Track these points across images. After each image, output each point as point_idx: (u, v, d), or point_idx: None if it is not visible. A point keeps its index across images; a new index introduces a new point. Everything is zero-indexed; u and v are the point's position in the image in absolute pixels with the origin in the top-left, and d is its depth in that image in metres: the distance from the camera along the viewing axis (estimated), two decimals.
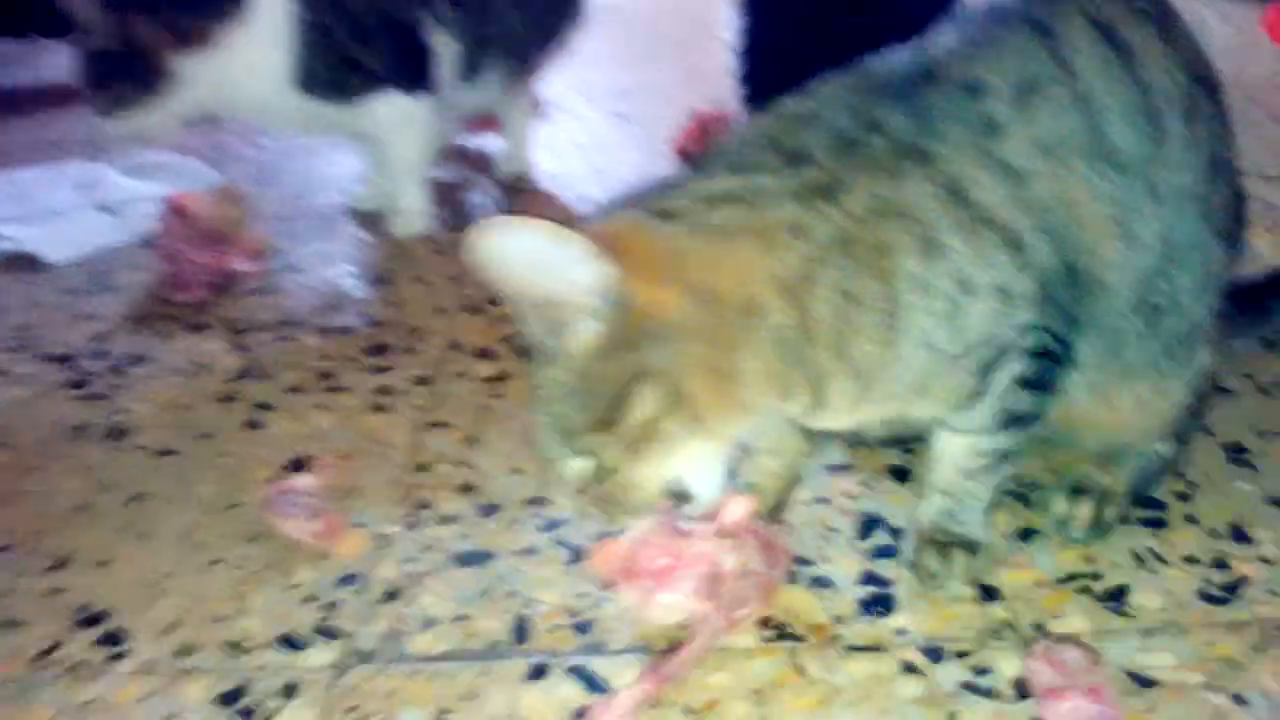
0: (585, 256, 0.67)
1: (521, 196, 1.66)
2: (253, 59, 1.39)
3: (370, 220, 1.59)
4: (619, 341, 0.69)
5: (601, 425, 0.71)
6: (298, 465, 1.05)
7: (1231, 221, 0.82)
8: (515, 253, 0.67)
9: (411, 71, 1.43)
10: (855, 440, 1.00)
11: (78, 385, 1.23)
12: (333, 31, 1.39)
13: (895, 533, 0.91)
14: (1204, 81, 0.79)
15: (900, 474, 0.99)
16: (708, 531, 0.79)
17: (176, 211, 1.44)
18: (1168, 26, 0.78)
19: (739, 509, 0.80)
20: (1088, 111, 0.73)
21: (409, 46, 1.42)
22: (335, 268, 1.47)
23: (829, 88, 0.76)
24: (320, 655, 0.83)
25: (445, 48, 1.45)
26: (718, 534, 0.79)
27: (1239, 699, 0.75)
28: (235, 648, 0.84)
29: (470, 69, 1.49)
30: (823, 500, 0.95)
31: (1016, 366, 0.74)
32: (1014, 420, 0.77)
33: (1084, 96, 0.73)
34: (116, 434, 1.13)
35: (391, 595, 0.88)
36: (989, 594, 0.85)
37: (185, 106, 1.40)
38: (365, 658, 0.82)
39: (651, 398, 0.69)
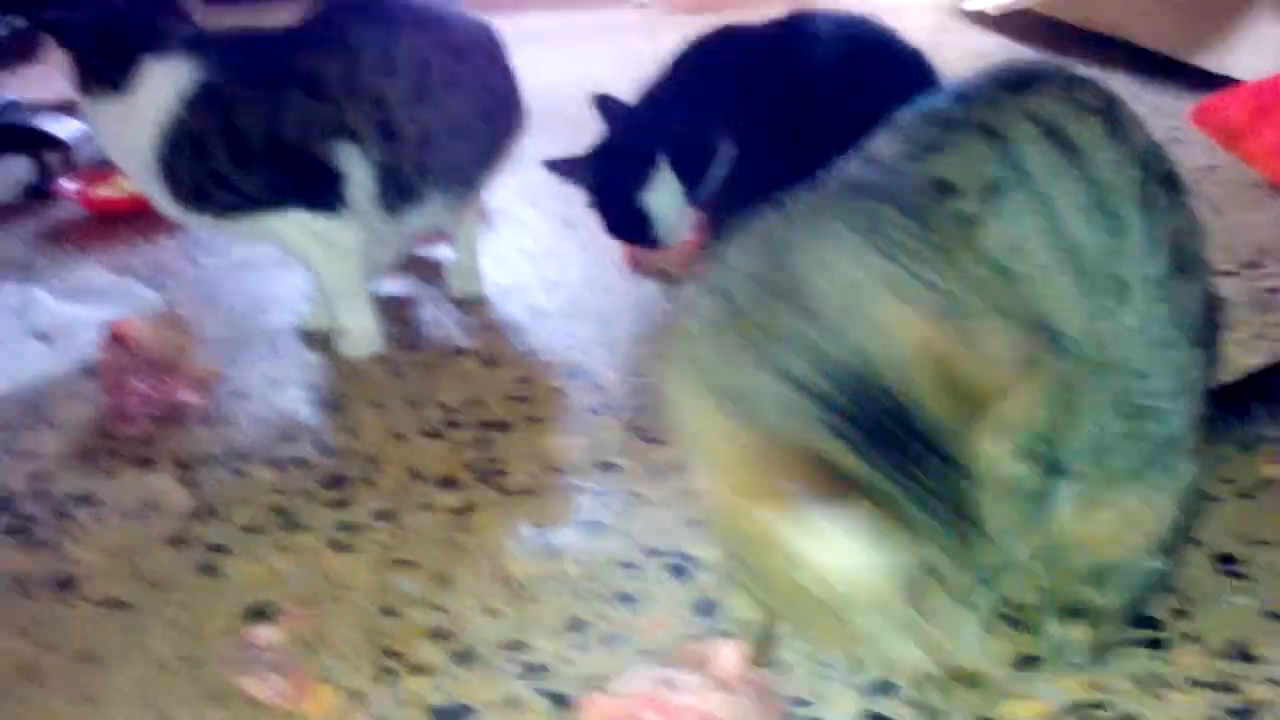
0: None
1: None
2: (129, 140, 1.38)
3: (319, 340, 1.55)
4: None
5: None
6: (258, 614, 1.00)
7: (1205, 322, 0.81)
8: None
9: (315, 193, 1.40)
10: None
11: (18, 532, 1.17)
12: (208, 149, 1.36)
13: None
14: (1162, 176, 0.79)
15: None
16: (699, 683, 0.76)
17: (117, 339, 1.40)
18: (1117, 122, 0.78)
19: (731, 657, 0.77)
20: (1047, 212, 0.73)
21: (311, 169, 1.39)
22: (285, 393, 1.43)
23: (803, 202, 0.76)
24: None
25: (362, 171, 1.41)
26: (711, 686, 0.75)
27: None
28: None
29: (411, 194, 1.45)
30: None
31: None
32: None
33: (1041, 196, 0.73)
34: (62, 585, 1.07)
35: None
36: None
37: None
38: None
39: None
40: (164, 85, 1.34)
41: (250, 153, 1.36)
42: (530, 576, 1.03)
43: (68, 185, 2.26)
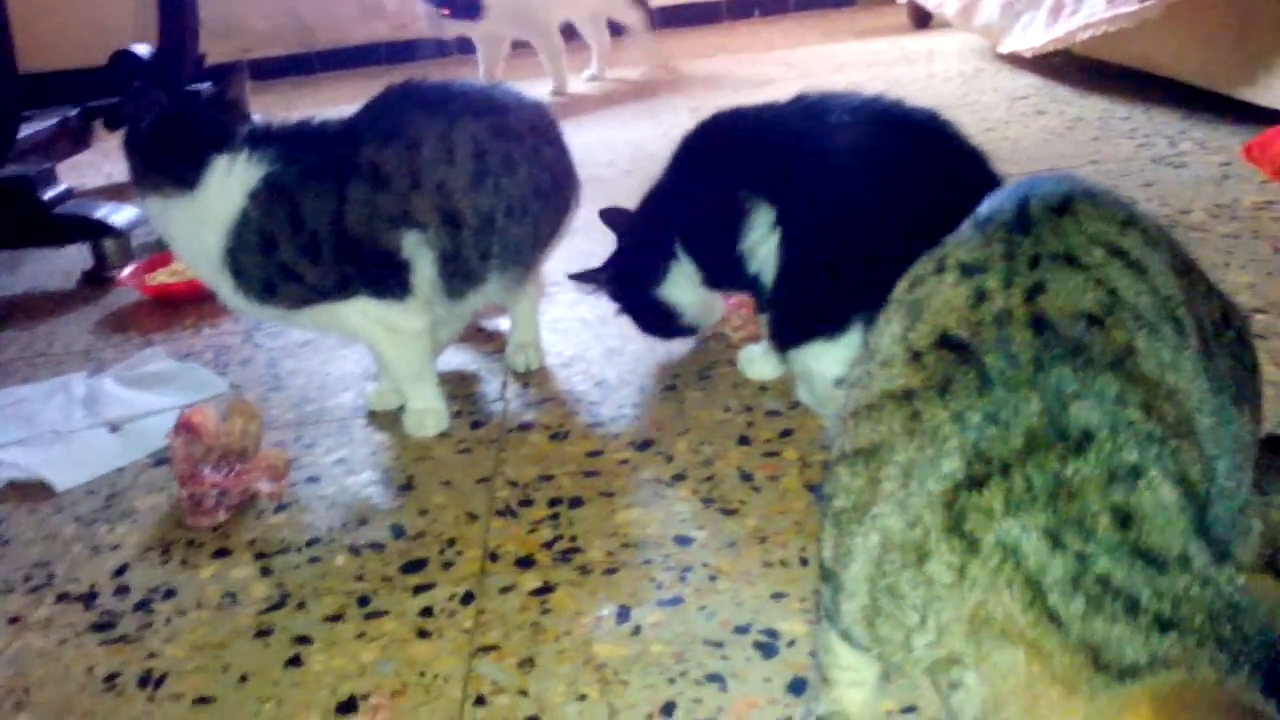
0: None
1: None
2: (197, 236, 1.40)
3: (386, 420, 1.57)
4: None
5: None
6: (347, 707, 1.00)
7: (1241, 380, 0.81)
8: None
9: (382, 282, 1.42)
10: None
11: (104, 628, 1.18)
12: (276, 243, 1.38)
13: None
14: (1182, 264, 0.79)
15: None
16: None
17: (188, 430, 1.41)
18: (1145, 228, 0.78)
19: None
20: (1152, 332, 0.72)
21: (377, 259, 1.40)
22: (357, 476, 1.43)
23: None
24: None
25: (426, 258, 1.42)
26: None
27: None
28: None
29: (473, 276, 1.47)
30: (909, 710, 0.91)
31: None
32: None
33: (1140, 319, 0.72)
34: (150, 683, 1.08)
35: None
36: None
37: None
38: None
39: None
40: (232, 182, 1.36)
41: (318, 245, 1.37)
42: (616, 659, 1.03)
43: (126, 272, 2.30)
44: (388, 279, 1.41)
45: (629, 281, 1.61)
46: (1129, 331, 0.68)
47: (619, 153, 2.72)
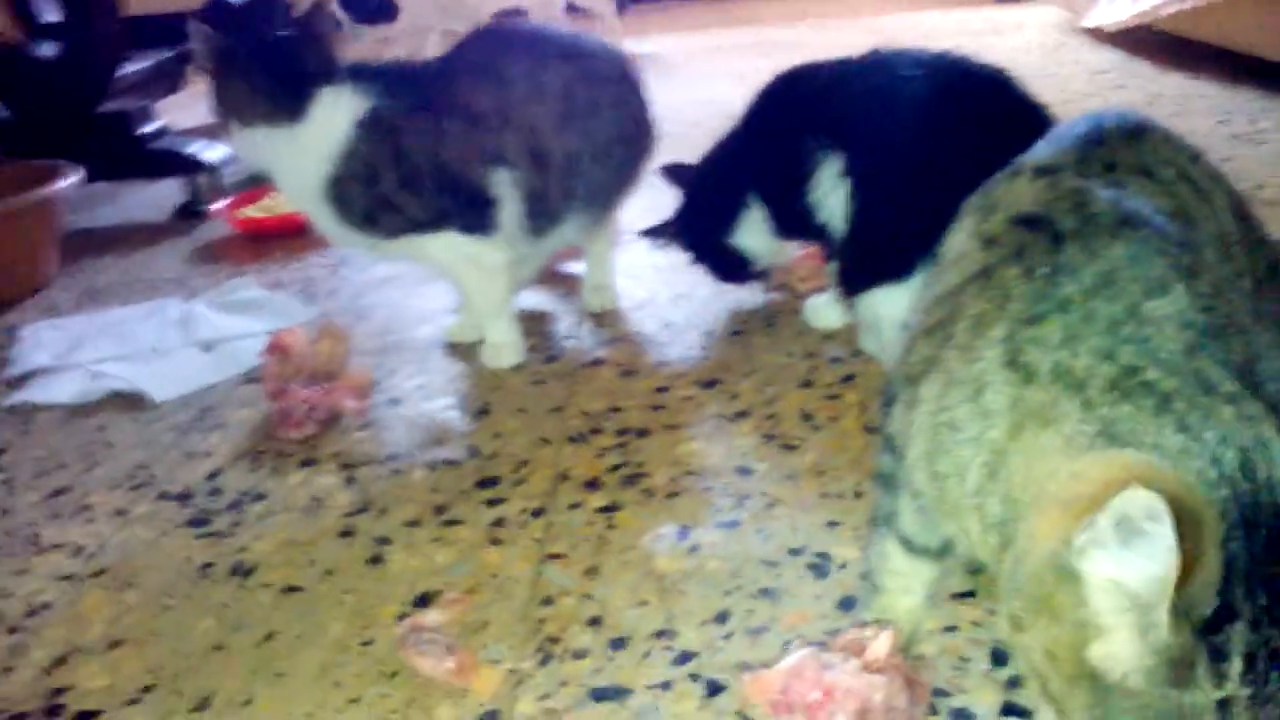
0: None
1: None
2: (300, 166, 1.46)
3: (464, 351, 1.64)
4: None
5: None
6: (423, 601, 1.08)
7: None
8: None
9: (472, 217, 1.48)
10: (976, 566, 1.01)
11: (198, 523, 1.27)
12: (379, 175, 1.44)
13: None
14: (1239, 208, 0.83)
15: None
16: (855, 666, 0.80)
17: (280, 350, 1.50)
18: (1207, 165, 0.82)
19: (884, 643, 0.81)
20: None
21: (472, 196, 1.47)
22: (435, 401, 1.51)
23: None
24: None
25: (513, 196, 1.49)
26: (865, 669, 0.80)
27: None
28: None
29: (555, 216, 1.54)
30: (951, 629, 0.96)
31: None
32: None
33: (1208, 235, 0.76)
34: (242, 572, 1.16)
35: None
36: None
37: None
38: None
39: None
40: (337, 115, 1.43)
41: (417, 178, 1.44)
42: (675, 572, 1.09)
43: (218, 206, 2.40)
44: (477, 214, 1.47)
45: (701, 231, 1.66)
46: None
47: (703, 111, 2.77)
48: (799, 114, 1.46)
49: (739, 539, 1.14)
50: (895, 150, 1.33)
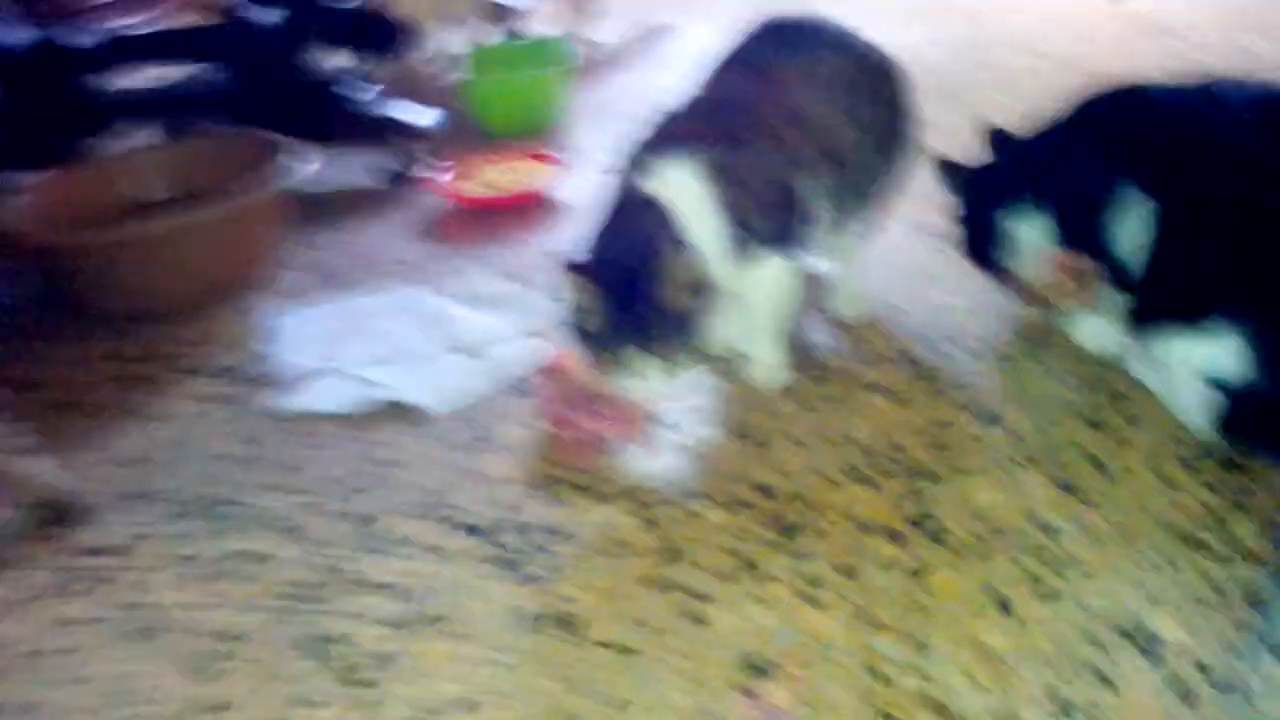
0: None
1: None
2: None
3: (724, 370, 1.64)
4: None
5: None
6: (757, 669, 1.12)
7: None
8: None
9: (790, 235, 1.49)
10: None
11: (502, 562, 1.32)
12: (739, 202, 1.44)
13: None
14: None
15: None
16: None
17: (555, 372, 1.53)
18: None
19: None
20: None
21: (793, 211, 1.48)
22: (708, 428, 1.53)
23: None
24: None
25: (822, 209, 1.51)
26: None
27: None
28: None
29: (835, 226, 1.56)
30: None
31: None
32: None
33: None
34: (569, 625, 1.21)
35: None
36: None
37: None
38: None
39: None
40: None
41: (763, 199, 1.45)
42: (1005, 649, 1.11)
43: (438, 179, 2.43)
44: (796, 231, 1.50)
45: (986, 195, 1.63)
46: None
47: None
48: (1113, 146, 1.44)
49: (1059, 609, 1.15)
50: (1216, 201, 1.30)
